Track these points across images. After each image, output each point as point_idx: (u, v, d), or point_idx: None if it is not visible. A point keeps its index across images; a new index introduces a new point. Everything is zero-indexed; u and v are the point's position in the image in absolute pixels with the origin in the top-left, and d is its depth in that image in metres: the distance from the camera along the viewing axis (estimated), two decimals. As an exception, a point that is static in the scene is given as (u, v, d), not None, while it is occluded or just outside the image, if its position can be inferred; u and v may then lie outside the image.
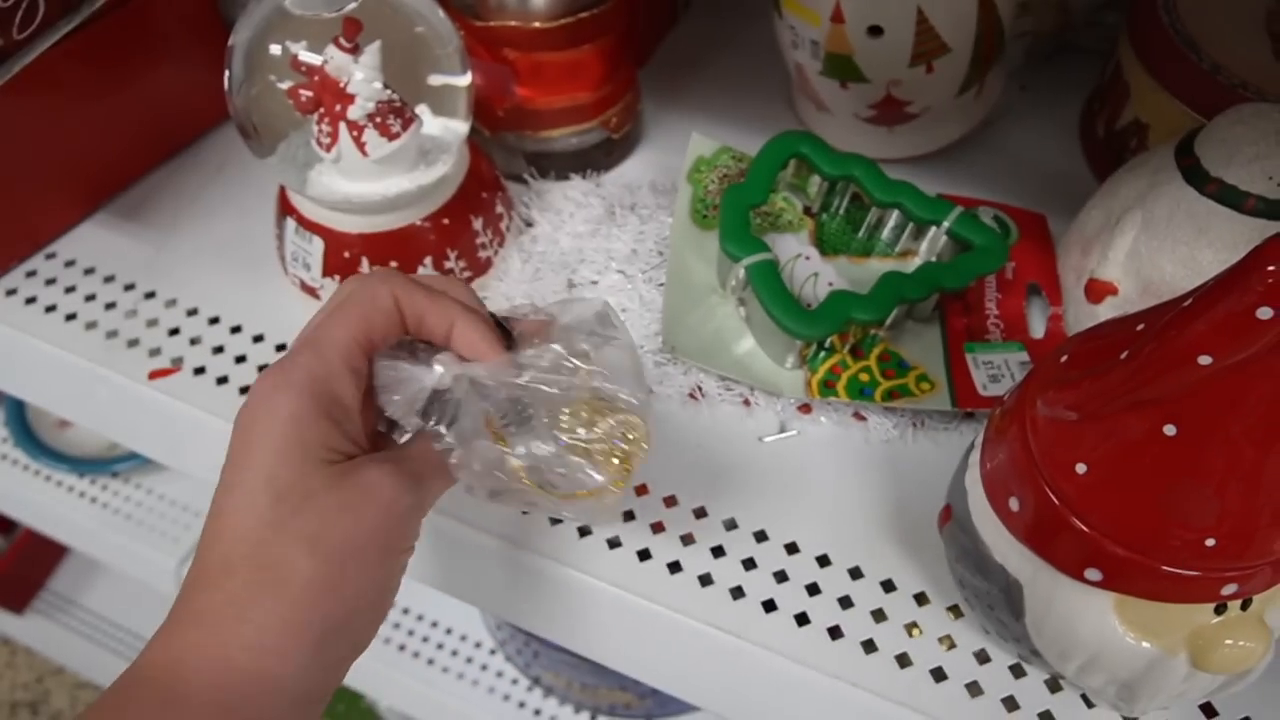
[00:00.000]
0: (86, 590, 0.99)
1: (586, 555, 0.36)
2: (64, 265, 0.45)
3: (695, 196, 0.41)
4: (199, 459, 0.41)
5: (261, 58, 0.36)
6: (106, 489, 0.76)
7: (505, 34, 0.41)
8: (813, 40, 0.42)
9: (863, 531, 0.36)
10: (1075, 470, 0.26)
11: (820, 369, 0.38)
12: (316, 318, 0.29)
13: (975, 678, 0.33)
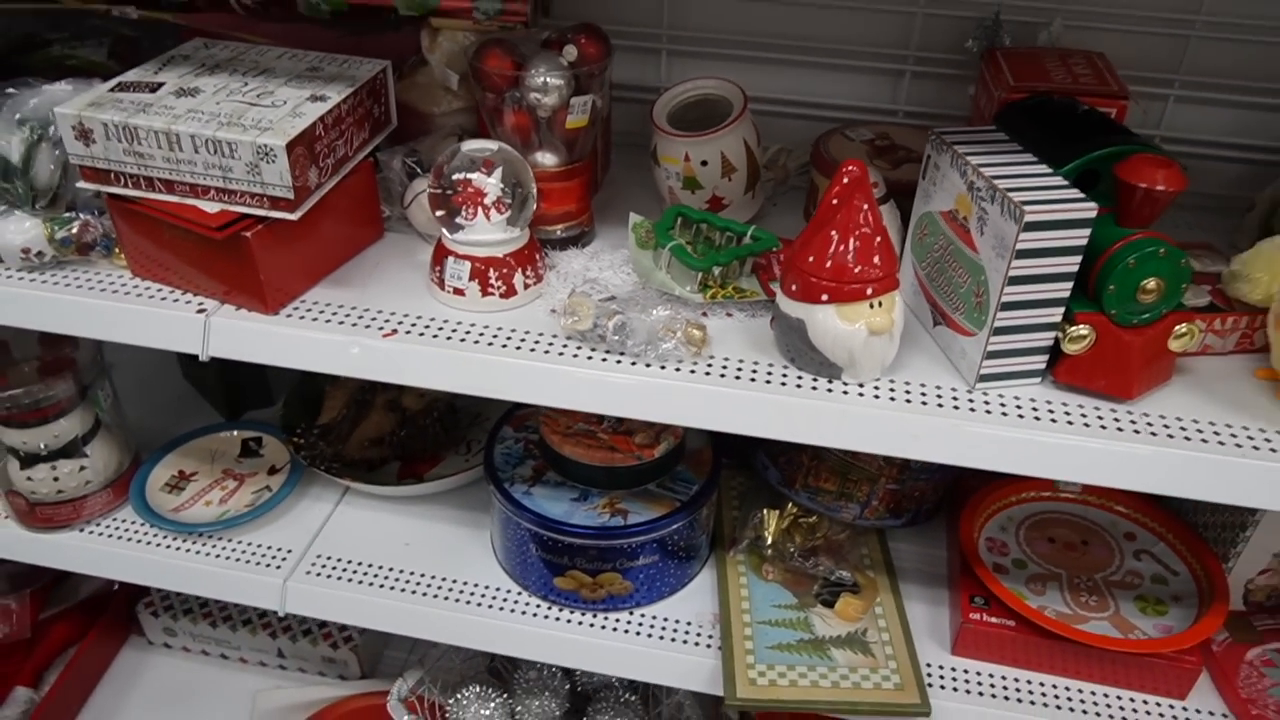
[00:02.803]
0: None
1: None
2: (311, 304, 0.86)
3: (636, 238, 0.89)
4: (419, 376, 0.81)
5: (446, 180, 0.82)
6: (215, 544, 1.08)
7: (539, 175, 0.89)
8: (676, 172, 0.93)
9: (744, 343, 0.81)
10: (809, 260, 0.74)
11: (707, 293, 0.84)
12: None
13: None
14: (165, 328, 0.85)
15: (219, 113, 0.79)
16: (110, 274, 0.90)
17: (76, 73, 1.07)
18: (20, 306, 0.87)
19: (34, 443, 1.05)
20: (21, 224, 0.88)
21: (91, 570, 1.10)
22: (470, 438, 1.21)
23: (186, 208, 0.80)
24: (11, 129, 0.87)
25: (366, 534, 1.10)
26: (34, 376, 1.04)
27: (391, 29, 1.06)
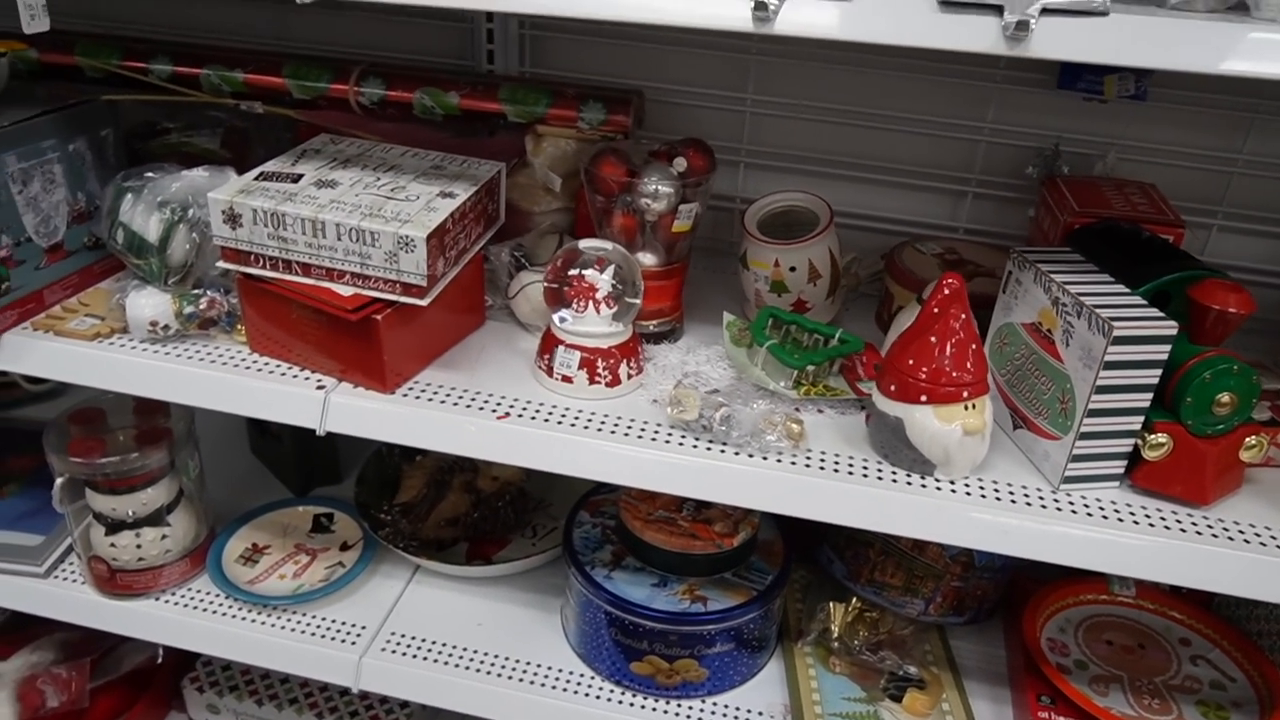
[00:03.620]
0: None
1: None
2: (424, 385, 0.90)
3: (730, 335, 0.95)
4: (532, 457, 0.85)
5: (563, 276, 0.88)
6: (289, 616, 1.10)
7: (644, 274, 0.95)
8: (765, 276, 0.99)
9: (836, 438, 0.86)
10: (909, 363, 0.80)
11: (800, 390, 0.89)
12: None
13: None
14: (285, 402, 0.89)
15: (359, 204, 0.85)
16: (229, 349, 0.94)
17: (193, 159, 1.15)
18: (147, 376, 0.92)
19: (123, 509, 1.07)
20: (152, 298, 0.93)
21: (166, 640, 1.11)
22: (535, 522, 1.24)
23: (321, 290, 0.86)
24: (151, 210, 0.94)
25: (439, 613, 1.12)
26: (130, 445, 1.07)
27: (496, 133, 1.14)
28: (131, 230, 0.95)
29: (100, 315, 0.97)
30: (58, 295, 1.00)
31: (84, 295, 1.02)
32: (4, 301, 0.94)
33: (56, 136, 0.97)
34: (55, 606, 1.13)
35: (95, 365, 0.93)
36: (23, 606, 1.13)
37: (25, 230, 0.95)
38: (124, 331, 0.95)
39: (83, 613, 1.12)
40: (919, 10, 0.66)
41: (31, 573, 1.13)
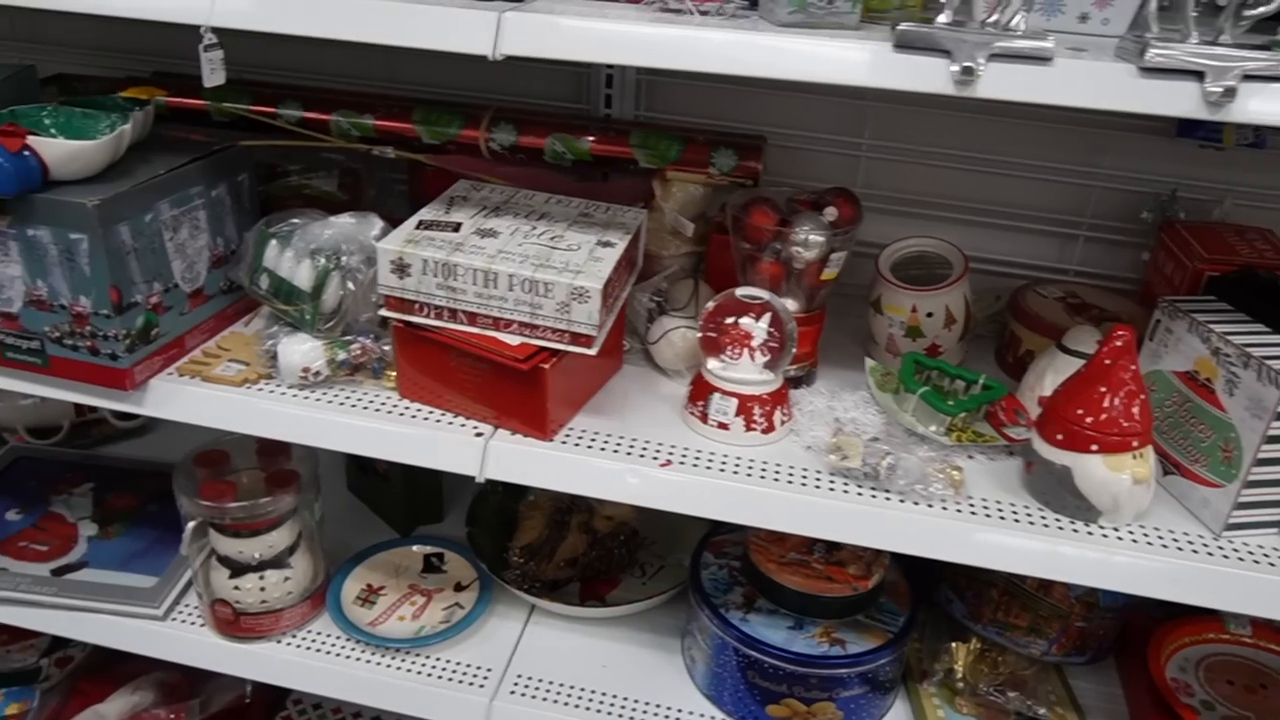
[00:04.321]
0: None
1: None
2: (580, 431, 0.91)
3: (874, 380, 0.96)
4: (697, 505, 0.86)
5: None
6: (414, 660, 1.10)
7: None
8: (901, 321, 1.01)
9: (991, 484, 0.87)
10: (1077, 412, 0.81)
11: (952, 435, 0.91)
12: None
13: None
14: (443, 449, 0.90)
15: (526, 254, 0.86)
16: (377, 395, 0.95)
17: (313, 201, 1.16)
18: (301, 423, 0.92)
19: (249, 553, 1.07)
20: (304, 345, 0.93)
21: (290, 683, 1.11)
22: (643, 561, 1.25)
23: (488, 339, 0.86)
24: (301, 256, 0.94)
25: (561, 655, 1.12)
26: (260, 489, 1.07)
27: (609, 177, 1.15)
28: (279, 276, 0.96)
29: (244, 360, 0.98)
30: (197, 340, 1.01)
31: (222, 340, 1.02)
32: (153, 348, 0.94)
33: (203, 183, 0.97)
34: (176, 649, 1.12)
35: (245, 411, 0.93)
36: (144, 650, 1.13)
37: (174, 277, 0.96)
38: (269, 377, 0.96)
39: (203, 655, 1.12)
40: (1119, 75, 0.68)
41: (150, 615, 1.12)
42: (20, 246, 0.88)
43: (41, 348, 0.92)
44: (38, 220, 0.86)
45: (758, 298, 0.90)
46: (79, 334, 0.90)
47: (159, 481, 1.34)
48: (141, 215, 0.90)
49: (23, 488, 1.32)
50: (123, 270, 0.89)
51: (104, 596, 1.14)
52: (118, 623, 1.13)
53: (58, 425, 1.44)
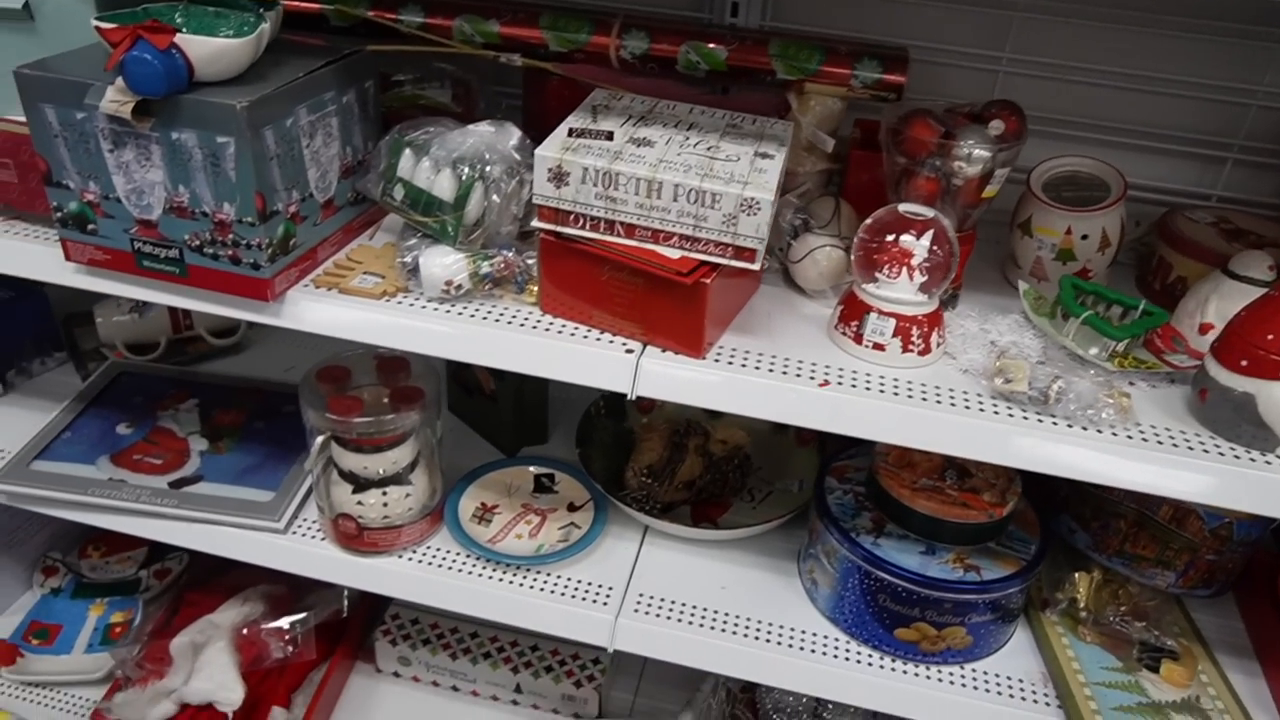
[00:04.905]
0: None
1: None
2: (730, 350, 0.89)
3: (1029, 304, 0.93)
4: (859, 426, 0.84)
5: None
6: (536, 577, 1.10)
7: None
8: (1052, 244, 0.97)
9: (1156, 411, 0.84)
10: (1267, 338, 0.78)
11: (1114, 360, 0.88)
12: None
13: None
14: (592, 365, 0.88)
15: (689, 164, 0.82)
16: (519, 310, 0.93)
17: (429, 111, 1.12)
18: (447, 338, 0.90)
19: (374, 468, 1.07)
20: (447, 258, 0.91)
21: (412, 596, 1.11)
22: (751, 486, 1.24)
23: (646, 252, 0.84)
24: (440, 166, 0.91)
25: (679, 576, 1.12)
26: (387, 405, 1.06)
27: (729, 90, 1.11)
28: (416, 187, 0.93)
29: (379, 273, 0.96)
30: (328, 252, 0.99)
31: (352, 252, 1.00)
32: (290, 259, 0.92)
33: (335, 88, 0.94)
34: (298, 562, 1.13)
35: (386, 325, 0.91)
36: (267, 562, 1.13)
37: (309, 186, 0.93)
38: (406, 290, 0.94)
39: (326, 568, 1.12)
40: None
41: (271, 529, 1.13)
42: (163, 151, 0.85)
43: (180, 257, 0.91)
44: (183, 123, 0.83)
45: (921, 214, 0.87)
46: (220, 242, 0.88)
47: (260, 399, 1.34)
48: (283, 120, 0.87)
49: (129, 403, 1.32)
50: (266, 177, 0.86)
51: (224, 510, 1.14)
52: (240, 535, 1.13)
53: (155, 342, 1.43)
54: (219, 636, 1.27)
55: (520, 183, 0.92)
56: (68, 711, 1.38)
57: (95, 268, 0.95)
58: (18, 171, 0.98)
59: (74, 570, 1.54)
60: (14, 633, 1.46)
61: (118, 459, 1.22)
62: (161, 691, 1.25)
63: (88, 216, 0.91)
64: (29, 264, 0.99)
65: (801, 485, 1.22)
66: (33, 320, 1.39)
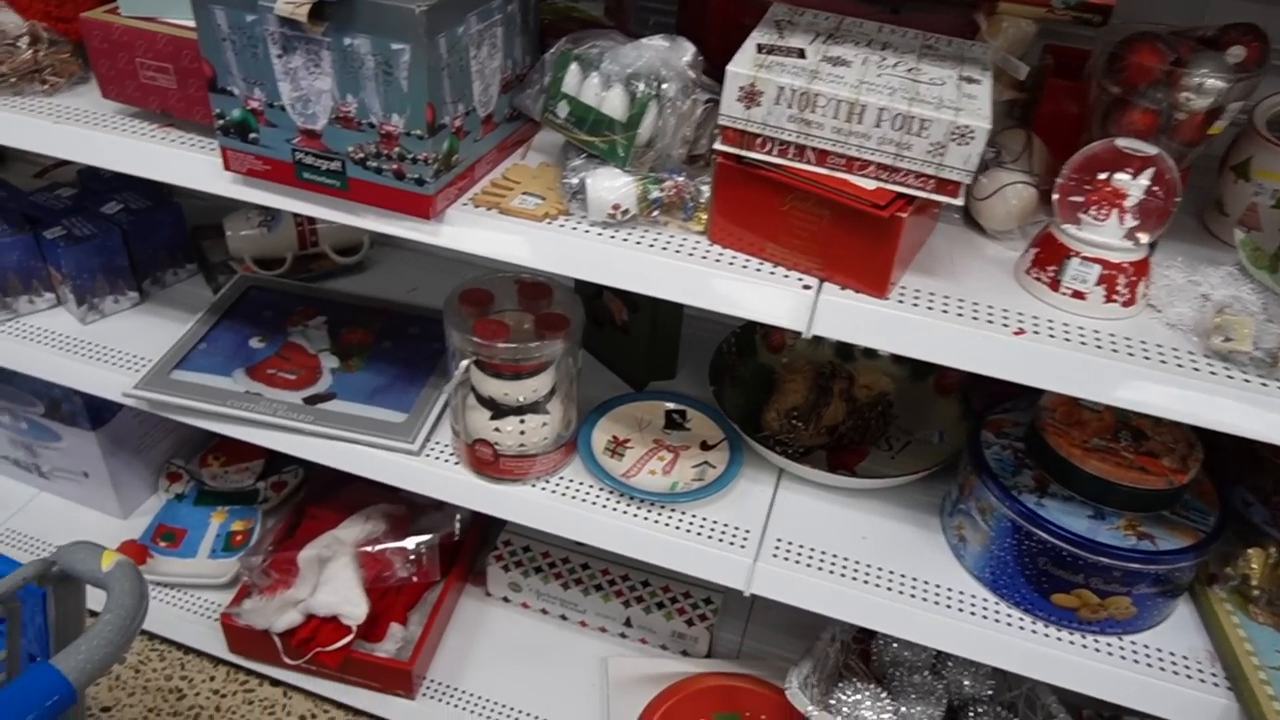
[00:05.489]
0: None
1: None
2: (913, 291, 0.83)
3: (1246, 254, 0.85)
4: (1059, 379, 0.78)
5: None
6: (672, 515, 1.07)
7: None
8: (1273, 189, 0.89)
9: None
10: None
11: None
12: None
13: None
14: (766, 300, 0.84)
15: (892, 87, 0.76)
16: (685, 238, 0.88)
17: (582, 24, 1.07)
18: (613, 264, 0.86)
19: (514, 395, 1.04)
20: (615, 180, 0.86)
21: (544, 525, 1.09)
22: (889, 435, 1.19)
23: (837, 181, 0.78)
24: (611, 82, 0.86)
25: (817, 522, 1.08)
26: (531, 332, 1.03)
27: (900, 9, 1.03)
28: (583, 104, 0.88)
29: (539, 194, 0.92)
30: (484, 170, 0.95)
31: (508, 171, 0.96)
32: (451, 175, 0.89)
33: (502, -4, 0.89)
34: (430, 484, 1.12)
35: (549, 247, 0.88)
36: (403, 484, 1.13)
37: (473, 99, 0.89)
38: (567, 213, 0.90)
39: (459, 492, 1.11)
40: None
41: (405, 449, 1.12)
42: (334, 57, 0.82)
43: (342, 169, 0.88)
44: (357, 27, 0.80)
45: (1141, 150, 0.79)
46: (385, 155, 0.85)
47: (387, 319, 1.32)
48: (455, 27, 0.83)
49: (260, 317, 1.32)
50: (438, 87, 0.82)
51: (359, 428, 1.13)
52: (374, 455, 1.12)
53: (282, 257, 1.43)
54: (344, 552, 1.28)
55: (694, 103, 0.87)
56: (194, 612, 1.41)
57: (253, 178, 0.92)
58: (177, 77, 0.96)
59: (196, 478, 1.57)
60: (143, 534, 1.49)
61: (253, 372, 1.22)
62: (288, 601, 1.26)
63: (250, 125, 0.89)
64: (185, 172, 0.98)
65: (942, 436, 1.17)
66: (168, 231, 1.39)
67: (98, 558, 0.78)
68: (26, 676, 0.67)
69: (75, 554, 0.78)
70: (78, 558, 0.78)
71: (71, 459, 1.50)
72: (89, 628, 0.72)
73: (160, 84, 0.98)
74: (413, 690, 1.29)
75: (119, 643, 0.71)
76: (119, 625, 0.72)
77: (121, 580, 0.76)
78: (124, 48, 0.97)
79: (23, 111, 1.04)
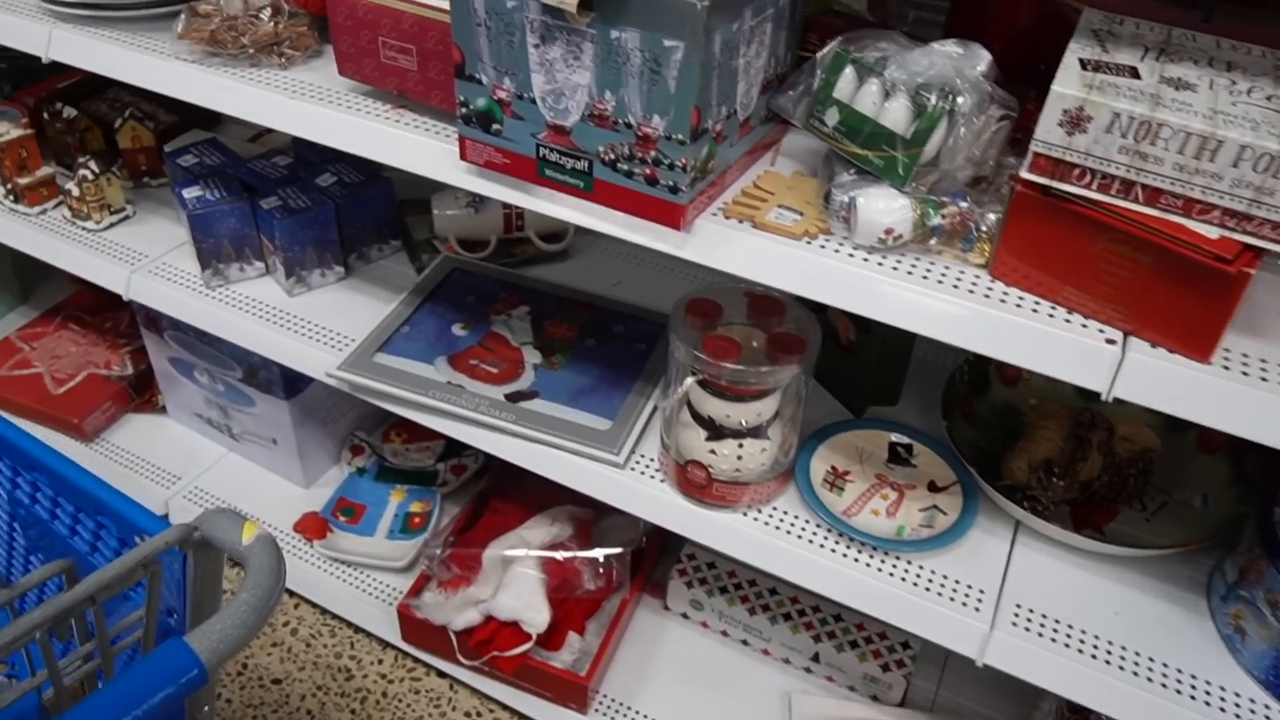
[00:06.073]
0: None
1: None
2: (1241, 354, 0.71)
3: None
4: None
5: None
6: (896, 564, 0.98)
7: None
8: None
9: None
10: None
11: None
12: None
13: None
14: (1055, 351, 0.73)
15: (1254, 119, 0.64)
16: (961, 270, 0.78)
17: (843, 18, 0.97)
18: (882, 298, 0.77)
19: (736, 418, 0.97)
20: (892, 202, 0.77)
21: (753, 560, 1.02)
22: (1144, 495, 1.05)
23: (1171, 225, 0.67)
24: (892, 91, 0.77)
25: (1061, 588, 0.97)
26: (761, 351, 0.96)
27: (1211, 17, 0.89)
28: (857, 113, 0.79)
29: (795, 208, 0.83)
30: (734, 176, 0.87)
31: (760, 179, 0.88)
32: (705, 183, 0.81)
33: (776, -13, 0.81)
34: (634, 502, 1.06)
35: (809, 271, 0.80)
36: (603, 496, 1.07)
37: (736, 101, 0.81)
38: (828, 232, 0.81)
39: (666, 515, 1.05)
40: None
41: (610, 460, 1.06)
42: (596, 51, 0.75)
43: (589, 169, 0.82)
44: (628, 20, 0.73)
45: None
46: (639, 159, 0.78)
47: (591, 314, 1.27)
48: (730, 23, 0.75)
49: (463, 302, 1.29)
50: (707, 89, 0.75)
51: (561, 432, 1.08)
52: (575, 463, 1.07)
53: (486, 240, 1.40)
54: (529, 554, 1.24)
55: (988, 119, 0.76)
56: (368, 593, 1.41)
57: (490, 170, 0.88)
58: (419, 58, 0.92)
59: (378, 452, 1.57)
60: (324, 507, 1.50)
61: (455, 361, 1.19)
62: (469, 600, 1.24)
63: (494, 115, 0.84)
64: (418, 158, 0.94)
65: (1206, 500, 1.03)
66: (378, 207, 1.37)
67: (239, 529, 0.77)
68: (160, 653, 0.65)
69: (218, 522, 0.77)
70: (220, 526, 0.77)
71: (263, 425, 1.52)
72: (225, 604, 0.70)
73: (400, 64, 0.94)
74: (586, 705, 1.25)
75: (253, 624, 0.69)
76: (254, 606, 0.70)
77: (261, 557, 0.74)
78: (368, 25, 0.94)
79: (260, 85, 1.03)
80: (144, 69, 1.09)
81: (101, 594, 0.71)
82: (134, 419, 1.68)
